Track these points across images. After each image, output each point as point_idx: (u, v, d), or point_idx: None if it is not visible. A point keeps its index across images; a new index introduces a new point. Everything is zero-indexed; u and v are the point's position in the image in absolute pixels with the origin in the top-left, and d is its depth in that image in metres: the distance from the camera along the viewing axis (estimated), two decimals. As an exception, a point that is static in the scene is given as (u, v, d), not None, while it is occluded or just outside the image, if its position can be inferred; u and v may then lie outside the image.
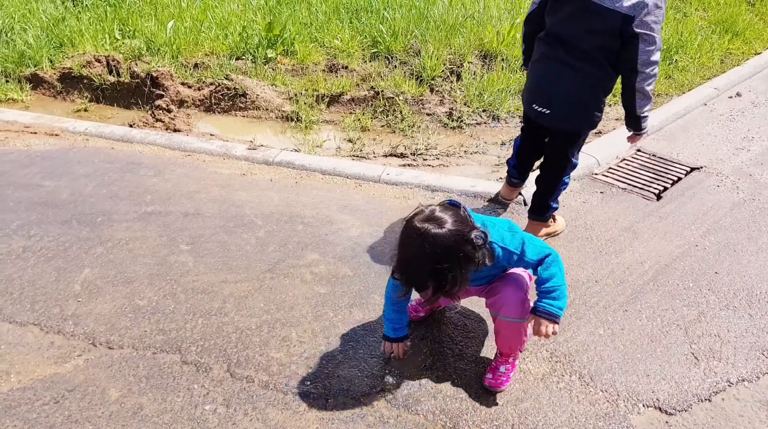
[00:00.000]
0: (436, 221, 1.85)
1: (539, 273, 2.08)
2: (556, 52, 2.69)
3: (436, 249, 1.83)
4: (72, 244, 3.05)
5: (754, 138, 4.46)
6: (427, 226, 1.84)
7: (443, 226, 1.84)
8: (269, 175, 3.84)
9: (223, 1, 6.56)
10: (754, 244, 3.22)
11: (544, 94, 2.81)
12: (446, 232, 1.84)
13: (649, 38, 2.46)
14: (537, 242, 2.11)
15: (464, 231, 1.86)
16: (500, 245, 2.04)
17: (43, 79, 5.12)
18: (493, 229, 2.05)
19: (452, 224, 1.85)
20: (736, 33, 6.54)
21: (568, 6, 2.59)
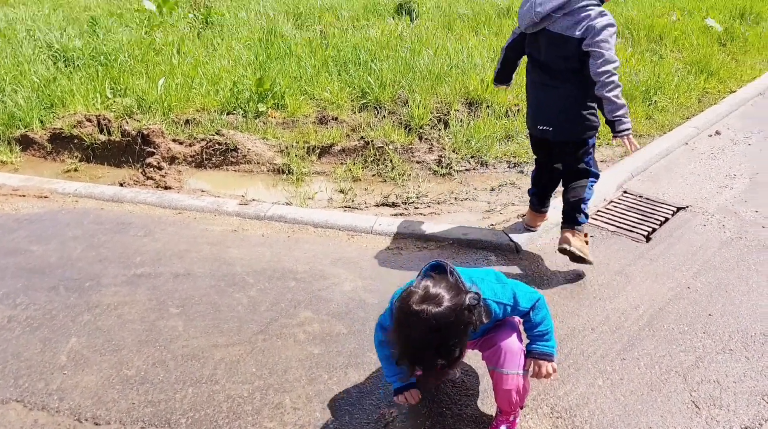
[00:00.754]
0: (432, 300, 1.81)
1: (531, 317, 2.14)
2: (542, 77, 3.21)
3: (440, 329, 1.80)
4: (59, 312, 3.01)
5: (736, 175, 4.52)
6: (426, 308, 1.80)
7: (441, 304, 1.81)
8: (261, 230, 3.84)
9: (213, 58, 6.68)
10: (744, 284, 3.22)
11: (542, 115, 3.28)
12: (446, 309, 1.80)
13: (597, 53, 2.91)
14: (524, 288, 2.16)
15: (461, 301, 1.84)
16: (494, 300, 2.05)
17: (33, 140, 5.15)
18: (482, 284, 2.05)
19: (449, 299, 1.82)
20: (711, 73, 6.70)
21: (542, 38, 3.12)
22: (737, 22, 8.74)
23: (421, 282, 1.89)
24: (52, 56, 6.68)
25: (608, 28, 2.93)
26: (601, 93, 2.95)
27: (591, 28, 2.91)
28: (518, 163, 4.76)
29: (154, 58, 6.60)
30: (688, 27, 8.14)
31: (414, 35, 7.42)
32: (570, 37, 2.98)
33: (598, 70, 2.92)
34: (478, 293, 1.91)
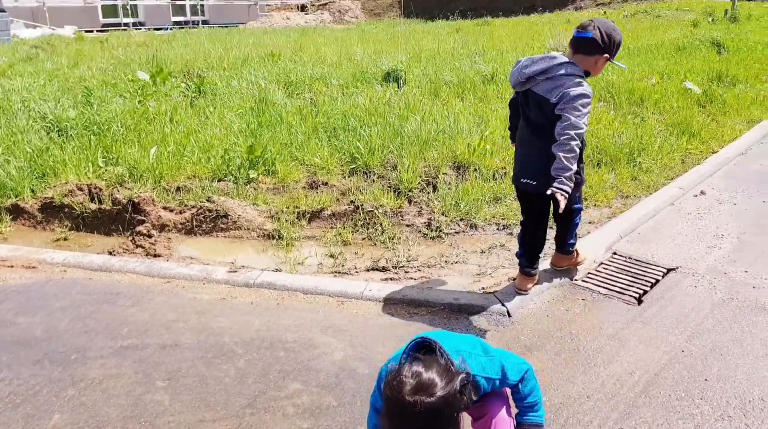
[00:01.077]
0: (425, 391, 1.77)
1: (519, 389, 2.14)
2: (527, 134, 3.46)
3: (434, 418, 1.76)
4: (43, 387, 2.93)
5: (723, 235, 4.56)
6: (420, 399, 1.75)
7: (434, 394, 1.76)
8: (250, 297, 3.80)
9: (205, 126, 6.81)
10: (739, 347, 3.20)
11: (527, 169, 3.49)
12: (439, 399, 1.76)
13: (564, 118, 3.15)
14: (512, 359, 2.15)
15: (454, 387, 1.80)
16: (483, 376, 2.03)
17: (24, 209, 5.15)
18: (471, 359, 2.02)
19: (442, 387, 1.78)
20: (692, 134, 6.87)
21: (529, 98, 3.37)
22: (715, 85, 9.06)
23: (411, 367, 1.83)
24: (46, 127, 6.78)
25: (581, 98, 3.14)
26: (555, 150, 3.16)
27: (565, 94, 3.15)
28: (507, 225, 4.79)
29: (146, 127, 6.72)
30: (667, 90, 8.42)
31: (401, 102, 7.62)
32: (548, 100, 3.22)
33: (560, 131, 3.15)
34: (468, 372, 1.88)
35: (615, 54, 3.30)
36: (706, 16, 17.41)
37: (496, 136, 6.21)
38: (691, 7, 20.17)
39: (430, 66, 10.17)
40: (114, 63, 11.22)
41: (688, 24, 16.13)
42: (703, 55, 11.13)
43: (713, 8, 18.71)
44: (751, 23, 16.03)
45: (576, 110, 3.13)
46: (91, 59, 11.87)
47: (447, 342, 2.01)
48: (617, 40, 3.25)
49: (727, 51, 11.57)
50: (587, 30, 3.22)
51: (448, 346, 1.98)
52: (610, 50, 3.25)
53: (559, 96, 3.17)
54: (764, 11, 18.36)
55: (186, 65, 10.65)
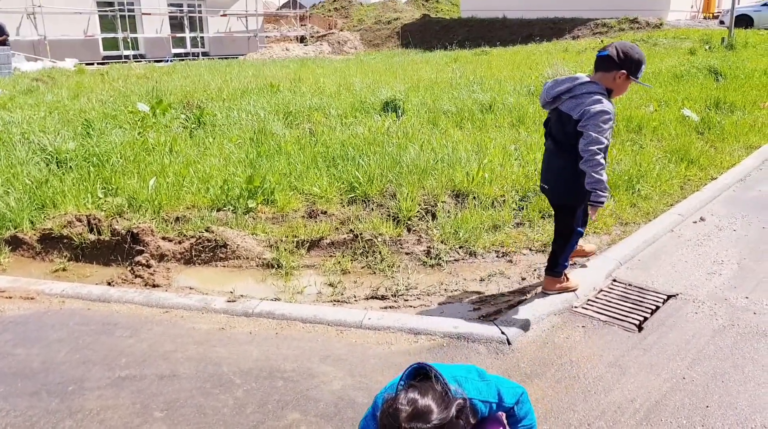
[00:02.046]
0: (422, 418, 1.78)
1: (515, 412, 2.17)
2: (551, 145, 3.80)
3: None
4: (40, 419, 2.90)
5: (723, 261, 4.57)
6: (416, 426, 1.76)
7: (431, 421, 1.77)
8: (249, 327, 3.79)
9: (204, 157, 6.85)
10: (740, 373, 3.18)
11: (544, 175, 3.92)
12: (435, 425, 1.77)
13: (586, 134, 3.41)
14: (507, 384, 2.19)
15: (450, 413, 1.80)
16: (480, 400, 2.04)
17: (23, 240, 5.15)
18: (467, 384, 2.04)
19: (438, 413, 1.79)
20: (691, 161, 6.92)
21: (554, 114, 3.72)
22: (713, 112, 9.15)
23: (407, 394, 1.83)
24: (46, 158, 6.81)
25: (602, 115, 3.40)
26: (583, 167, 3.45)
27: (586, 112, 3.42)
28: (506, 252, 4.80)
29: (146, 158, 6.76)
30: (665, 117, 8.51)
31: (400, 131, 7.69)
32: (571, 116, 3.51)
33: (583, 147, 3.43)
34: (465, 398, 1.89)
35: (636, 72, 3.50)
36: (702, 44, 17.63)
37: (495, 164, 6.25)
38: (688, 36, 20.45)
39: (429, 95, 10.28)
40: (114, 95, 11.34)
41: (685, 52, 16.35)
42: (701, 83, 11.27)
43: (710, 36, 18.97)
44: (747, 50, 16.24)
45: (597, 127, 3.39)
46: (91, 91, 11.99)
47: (443, 369, 2.01)
48: (635, 58, 3.46)
49: (724, 78, 11.71)
50: (605, 49, 3.52)
51: (445, 372, 1.98)
52: (628, 67, 3.46)
53: (581, 113, 3.44)
54: (761, 39, 18.60)
55: (186, 96, 10.76)
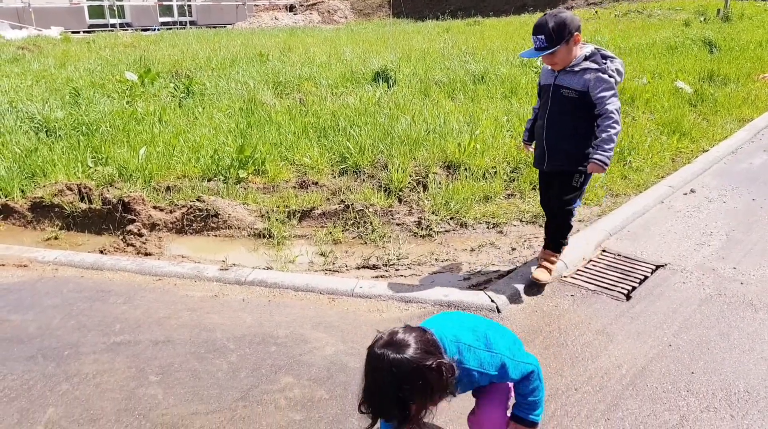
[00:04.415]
0: (395, 346, 1.82)
1: (520, 387, 2.12)
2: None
3: (396, 376, 1.79)
4: (36, 382, 2.94)
5: (713, 233, 4.63)
6: (386, 352, 1.81)
7: (402, 351, 1.81)
8: (241, 295, 3.81)
9: (194, 126, 6.80)
10: (726, 341, 3.25)
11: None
12: (405, 357, 1.80)
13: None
14: (519, 357, 2.10)
15: (426, 357, 1.82)
16: (478, 371, 2.01)
17: (14, 209, 5.13)
18: (468, 352, 2.01)
19: (413, 350, 1.82)
20: (683, 133, 6.95)
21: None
22: (706, 84, 9.15)
23: (394, 330, 1.89)
24: (34, 127, 6.75)
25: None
26: None
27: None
28: (497, 223, 4.83)
29: (135, 128, 6.71)
30: (658, 89, 8.50)
31: (391, 102, 7.65)
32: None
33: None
34: (453, 365, 1.88)
35: None
36: (698, 16, 17.48)
37: (487, 135, 6.25)
38: (683, 7, 20.26)
39: (420, 66, 10.21)
40: (101, 64, 11.17)
41: (679, 23, 16.23)
42: (695, 55, 11.23)
43: (705, 7, 18.76)
44: (743, 22, 16.11)
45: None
46: (78, 60, 11.80)
47: (451, 329, 2.02)
48: None
49: (719, 50, 11.67)
50: None
51: (449, 334, 2.00)
52: None
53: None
54: (757, 10, 18.40)
55: (174, 66, 10.62)
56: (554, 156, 3.68)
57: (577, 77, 3.44)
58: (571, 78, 3.46)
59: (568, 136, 3.59)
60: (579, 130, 3.57)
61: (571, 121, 3.56)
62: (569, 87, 3.47)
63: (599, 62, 3.42)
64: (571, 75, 3.46)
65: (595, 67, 3.41)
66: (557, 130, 3.62)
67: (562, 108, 3.56)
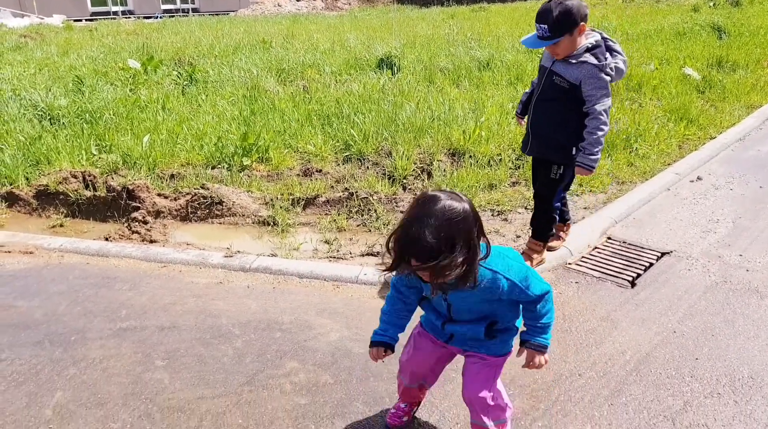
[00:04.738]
0: (452, 196, 1.83)
1: (537, 308, 2.09)
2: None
3: (446, 211, 1.77)
4: (44, 367, 2.96)
5: (719, 220, 4.61)
6: (442, 195, 1.82)
7: (461, 201, 1.82)
8: (246, 281, 3.83)
9: (198, 114, 6.79)
10: (731, 328, 3.25)
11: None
12: (460, 203, 1.81)
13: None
14: (539, 277, 2.09)
15: (476, 222, 1.85)
16: (505, 276, 1.99)
17: (19, 196, 5.15)
18: (499, 258, 2.00)
19: (469, 206, 1.83)
20: (690, 120, 6.90)
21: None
22: (714, 70, 9.07)
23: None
24: (38, 115, 6.75)
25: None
26: None
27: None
28: (502, 211, 4.82)
29: (138, 115, 6.70)
30: (666, 76, 8.44)
31: (396, 88, 7.61)
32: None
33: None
34: (489, 245, 1.92)
35: None
36: (707, 1, 17.27)
37: (492, 122, 6.23)
38: (693, -9, 20.08)
39: (425, 52, 10.15)
40: (104, 51, 11.14)
41: (688, 9, 16.06)
42: (704, 41, 11.12)
43: (715, -8, 18.61)
44: (754, 7, 15.89)
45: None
46: (80, 48, 11.78)
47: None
48: None
49: (728, 36, 11.55)
50: None
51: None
52: None
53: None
54: (769, -5, 18.20)
55: (177, 53, 10.58)
56: (537, 142, 3.63)
57: (572, 68, 3.29)
58: (566, 68, 3.31)
59: (554, 124, 3.50)
60: (565, 121, 3.47)
61: (558, 111, 3.47)
62: (562, 76, 3.34)
63: (600, 57, 3.26)
64: (567, 65, 3.31)
65: (594, 62, 3.25)
66: (543, 117, 3.55)
67: (552, 95, 3.46)
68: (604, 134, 3.32)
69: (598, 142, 3.32)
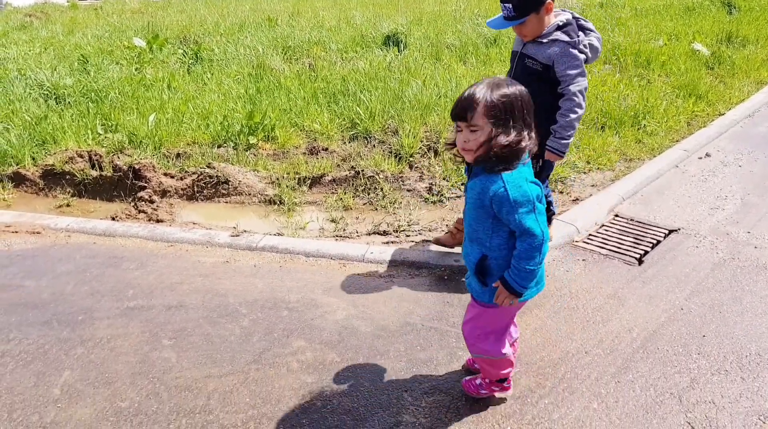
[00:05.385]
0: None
1: (519, 244, 2.06)
2: None
3: (510, 88, 2.02)
4: (52, 346, 2.99)
5: (727, 197, 4.57)
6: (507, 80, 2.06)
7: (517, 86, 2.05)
8: (253, 261, 3.83)
9: (203, 92, 6.76)
10: (738, 305, 3.23)
11: None
12: (519, 89, 2.05)
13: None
14: (541, 218, 2.03)
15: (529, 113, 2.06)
16: (505, 185, 1.97)
17: (26, 176, 5.16)
18: (517, 172, 2.02)
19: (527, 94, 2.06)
20: (699, 96, 6.80)
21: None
22: (724, 46, 8.92)
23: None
24: (43, 94, 6.74)
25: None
26: None
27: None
28: (509, 189, 4.78)
29: (144, 94, 6.67)
30: (675, 52, 8.31)
31: (402, 66, 7.54)
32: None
33: None
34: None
35: None
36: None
37: (498, 99, 6.15)
38: (702, -35, 19.66)
39: (432, 29, 10.02)
40: (109, 30, 11.08)
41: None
42: (713, 16, 10.92)
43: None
44: (766, -19, 15.61)
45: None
46: (86, 27, 11.71)
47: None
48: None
49: (738, 11, 11.33)
50: None
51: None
52: None
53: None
54: (782, -31, 17.80)
55: (182, 31, 10.50)
56: None
57: (543, 48, 3.08)
58: (537, 48, 3.10)
59: None
60: (541, 107, 3.24)
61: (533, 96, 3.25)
62: (534, 58, 3.12)
63: (571, 35, 3.07)
64: (537, 45, 3.10)
65: (566, 39, 3.05)
66: None
67: (525, 80, 2.99)
68: (578, 117, 3.11)
69: (571, 126, 3.11)
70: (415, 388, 2.66)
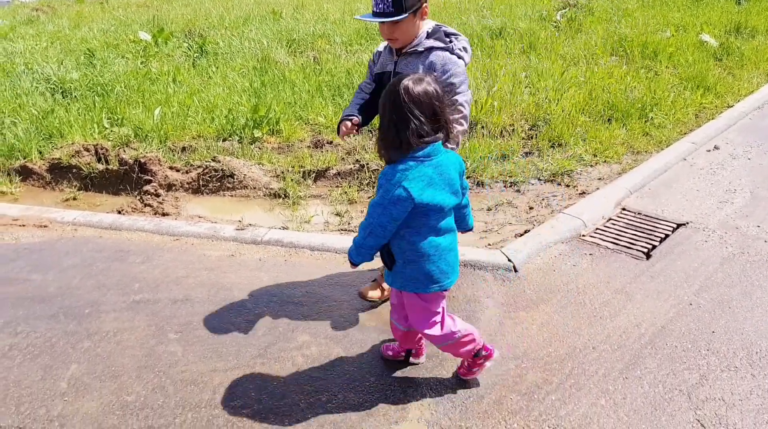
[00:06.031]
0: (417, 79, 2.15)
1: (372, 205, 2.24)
2: None
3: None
4: (59, 339, 2.99)
5: (736, 190, 4.52)
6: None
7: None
8: (258, 254, 3.82)
9: (209, 86, 6.74)
10: (748, 300, 3.20)
11: None
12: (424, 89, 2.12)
13: None
14: (386, 202, 2.16)
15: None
16: (401, 168, 2.14)
17: (33, 170, 5.17)
18: (413, 172, 2.14)
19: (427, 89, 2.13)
20: (707, 88, 6.74)
21: None
22: (733, 37, 8.83)
23: None
24: (50, 88, 6.74)
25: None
26: None
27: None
28: (514, 182, 4.76)
29: (150, 88, 6.67)
30: (682, 43, 8.23)
31: (408, 59, 7.47)
32: None
33: None
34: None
35: None
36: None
37: (504, 92, 6.12)
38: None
39: (436, 21, 9.95)
40: (115, 24, 11.08)
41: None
42: (721, 6, 10.80)
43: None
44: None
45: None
46: (92, 21, 11.72)
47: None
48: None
49: (747, 1, 11.21)
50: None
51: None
52: None
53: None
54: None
55: (187, 25, 10.49)
56: None
57: (421, 59, 2.71)
58: (415, 61, 2.72)
59: None
60: None
61: None
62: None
63: (443, 40, 2.73)
64: (414, 57, 2.73)
65: (441, 45, 2.70)
66: None
67: None
68: (464, 131, 2.74)
69: (456, 142, 2.69)
70: (421, 383, 2.65)
